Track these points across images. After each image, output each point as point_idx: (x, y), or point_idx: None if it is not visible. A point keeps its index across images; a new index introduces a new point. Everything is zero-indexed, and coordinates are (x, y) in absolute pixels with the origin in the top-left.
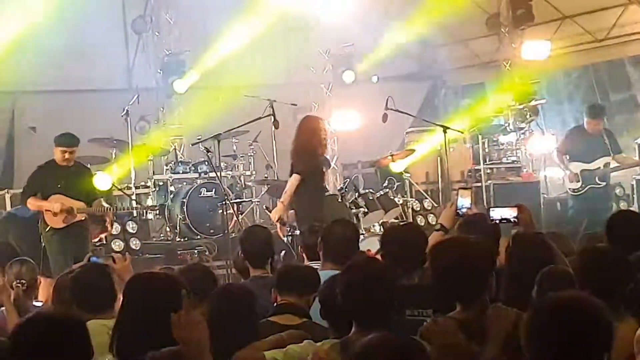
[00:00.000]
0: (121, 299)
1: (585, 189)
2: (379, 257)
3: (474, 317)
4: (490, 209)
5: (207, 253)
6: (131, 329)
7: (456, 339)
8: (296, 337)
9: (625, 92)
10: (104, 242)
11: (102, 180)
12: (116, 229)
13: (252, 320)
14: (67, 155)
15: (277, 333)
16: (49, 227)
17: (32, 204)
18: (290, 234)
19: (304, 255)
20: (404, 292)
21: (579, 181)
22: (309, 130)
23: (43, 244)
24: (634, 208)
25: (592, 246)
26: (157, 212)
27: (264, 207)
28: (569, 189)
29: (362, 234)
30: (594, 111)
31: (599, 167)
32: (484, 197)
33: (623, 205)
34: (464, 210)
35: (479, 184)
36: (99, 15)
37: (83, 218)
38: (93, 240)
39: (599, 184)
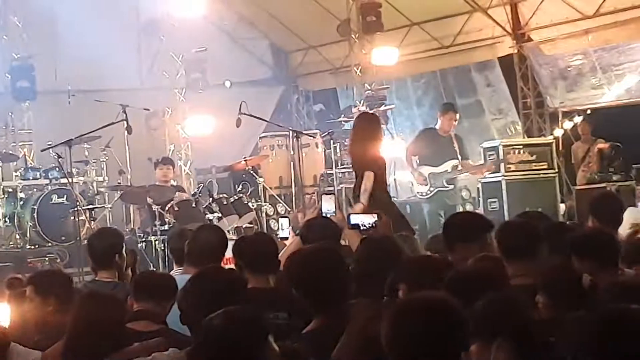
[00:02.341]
0: None
1: (434, 192)
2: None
3: (334, 324)
4: (350, 214)
5: (58, 260)
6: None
7: None
8: (158, 345)
9: (471, 97)
10: None
11: None
12: None
13: (119, 327)
14: None
15: (133, 340)
16: None
17: None
18: None
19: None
20: (258, 296)
21: (427, 184)
22: (371, 126)
23: None
24: (480, 210)
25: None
26: (7, 219)
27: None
28: (418, 192)
29: None
30: (447, 106)
31: (447, 170)
32: (337, 201)
33: (469, 208)
34: (330, 215)
35: (332, 188)
36: None
37: None
38: None
39: (447, 187)
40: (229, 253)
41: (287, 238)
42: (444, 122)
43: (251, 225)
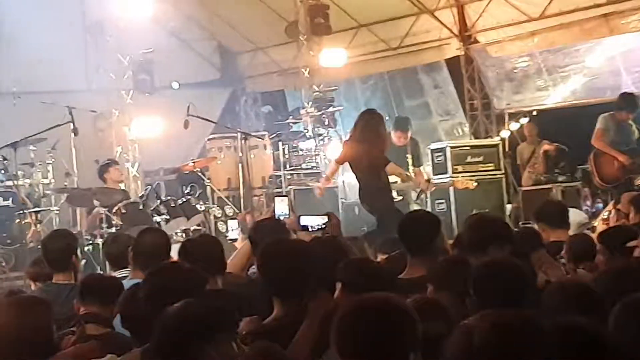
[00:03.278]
0: None
1: None
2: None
3: (294, 315)
4: (301, 216)
5: (3, 264)
6: None
7: None
8: (96, 349)
9: (419, 99)
10: None
11: None
12: None
13: (47, 331)
14: None
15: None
16: None
17: None
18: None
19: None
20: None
21: None
22: (378, 122)
23: None
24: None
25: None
26: None
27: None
28: None
29: None
30: (397, 123)
31: (396, 182)
32: (290, 203)
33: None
34: (283, 217)
35: (280, 190)
36: None
37: None
38: None
39: (396, 198)
40: (174, 255)
41: (236, 240)
42: (393, 136)
43: (199, 228)
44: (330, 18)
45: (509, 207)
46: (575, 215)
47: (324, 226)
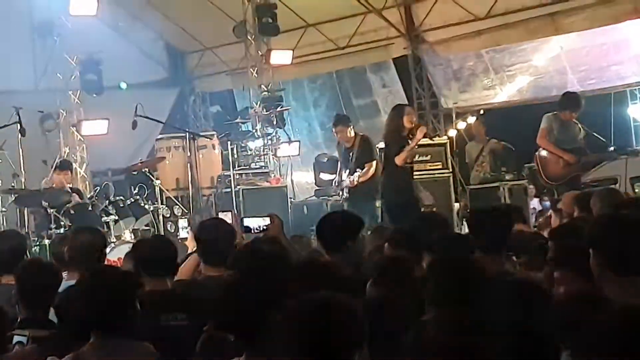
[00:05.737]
0: None
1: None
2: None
3: None
4: (244, 218)
5: None
6: None
7: None
8: (33, 353)
9: (367, 98)
10: None
11: None
12: None
13: None
14: None
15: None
16: None
17: None
18: None
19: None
20: (156, 298)
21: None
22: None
23: None
24: None
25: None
26: None
27: None
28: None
29: (113, 241)
30: (334, 119)
31: (334, 179)
32: (234, 202)
33: None
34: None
35: (229, 190)
36: None
37: None
38: None
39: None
40: (113, 255)
41: (186, 239)
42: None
43: (148, 228)
44: (278, 18)
45: (456, 205)
46: None
47: (266, 227)
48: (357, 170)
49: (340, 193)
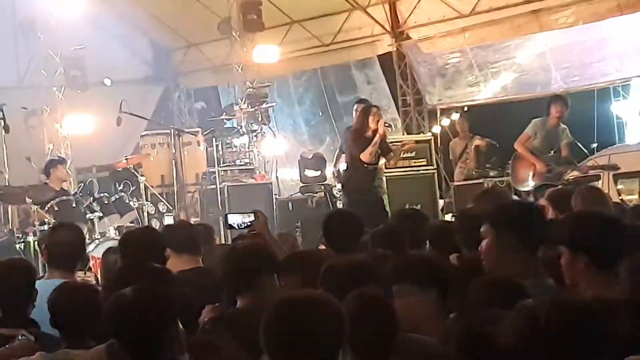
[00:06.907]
0: None
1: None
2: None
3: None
4: (227, 214)
5: None
6: None
7: None
8: (27, 348)
9: (351, 95)
10: None
11: None
12: None
13: None
14: None
15: (2, 345)
16: None
17: None
18: None
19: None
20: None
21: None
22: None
23: None
24: None
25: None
26: None
27: None
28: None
29: (98, 238)
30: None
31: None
32: (219, 199)
33: None
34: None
35: (214, 186)
36: None
37: None
38: None
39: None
40: (98, 252)
41: None
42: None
43: (132, 225)
44: (262, 14)
45: (441, 202)
46: None
47: (250, 224)
48: None
49: (335, 182)
